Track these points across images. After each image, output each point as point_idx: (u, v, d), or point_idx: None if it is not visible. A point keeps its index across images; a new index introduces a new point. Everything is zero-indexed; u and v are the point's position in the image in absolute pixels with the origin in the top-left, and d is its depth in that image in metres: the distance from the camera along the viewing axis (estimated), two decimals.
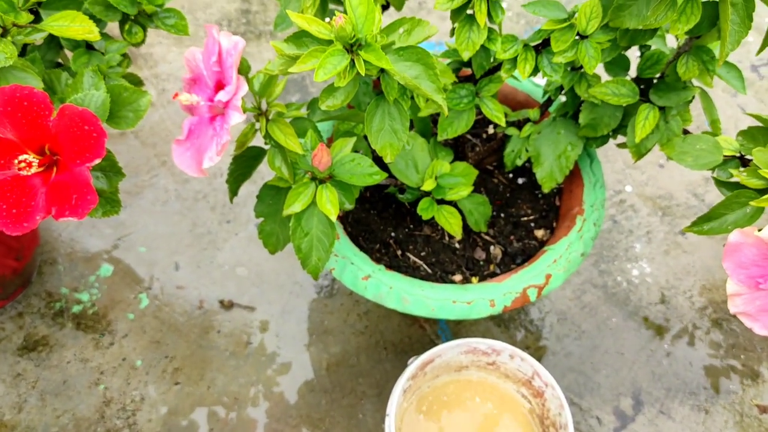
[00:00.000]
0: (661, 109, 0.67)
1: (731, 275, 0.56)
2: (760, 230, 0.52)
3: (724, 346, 0.95)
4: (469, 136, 0.85)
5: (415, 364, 0.74)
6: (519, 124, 0.77)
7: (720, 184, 0.61)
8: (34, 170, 0.48)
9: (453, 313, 0.71)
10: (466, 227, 0.78)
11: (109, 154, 0.50)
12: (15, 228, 0.47)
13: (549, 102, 0.75)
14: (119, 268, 0.99)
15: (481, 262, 0.77)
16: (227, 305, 0.97)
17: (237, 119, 0.54)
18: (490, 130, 0.86)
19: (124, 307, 0.96)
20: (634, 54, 1.18)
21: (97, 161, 0.45)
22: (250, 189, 1.07)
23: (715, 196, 1.08)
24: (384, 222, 0.80)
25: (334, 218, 0.62)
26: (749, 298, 0.56)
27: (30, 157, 0.49)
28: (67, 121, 0.47)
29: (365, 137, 0.70)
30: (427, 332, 0.95)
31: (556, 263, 0.73)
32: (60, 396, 0.89)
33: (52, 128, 0.48)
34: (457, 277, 0.76)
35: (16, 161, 0.49)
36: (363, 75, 0.51)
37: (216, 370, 0.92)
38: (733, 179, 0.60)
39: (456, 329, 0.96)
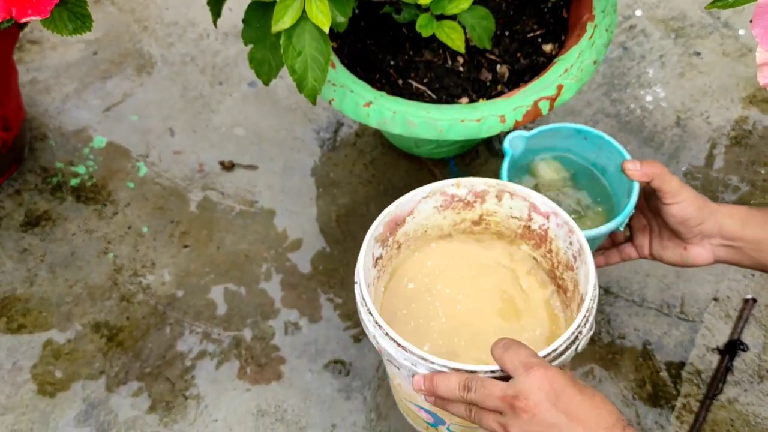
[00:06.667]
0: None
1: (761, 41, 0.51)
2: None
3: (744, 162, 0.92)
4: None
5: (381, 219, 0.61)
6: None
7: None
8: None
9: (462, 133, 0.67)
10: (469, 47, 0.73)
11: None
12: None
13: None
14: (113, 139, 0.95)
15: (488, 83, 0.73)
16: (228, 166, 0.94)
17: None
18: None
19: (123, 177, 0.93)
20: None
21: None
22: (241, 48, 1.02)
23: (731, 12, 1.01)
24: (382, 51, 0.75)
25: (326, 29, 0.58)
26: None
27: None
28: None
29: None
30: (437, 177, 0.92)
31: (568, 72, 0.68)
32: (70, 267, 0.87)
33: None
34: (464, 101, 0.72)
35: None
36: None
37: (224, 231, 0.90)
38: None
39: (466, 171, 0.93)
